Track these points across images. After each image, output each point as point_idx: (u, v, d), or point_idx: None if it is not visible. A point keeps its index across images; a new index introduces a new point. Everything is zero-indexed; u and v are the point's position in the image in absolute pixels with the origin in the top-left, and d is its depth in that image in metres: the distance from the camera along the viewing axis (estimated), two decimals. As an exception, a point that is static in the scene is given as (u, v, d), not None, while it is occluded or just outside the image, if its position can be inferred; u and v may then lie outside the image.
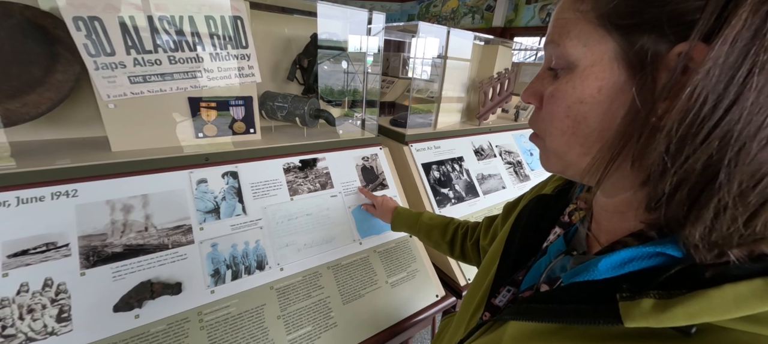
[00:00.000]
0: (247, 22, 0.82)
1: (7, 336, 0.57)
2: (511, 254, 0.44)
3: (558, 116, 0.30)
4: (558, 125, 0.30)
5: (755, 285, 0.21)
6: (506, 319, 0.36)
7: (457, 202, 1.23)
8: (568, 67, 0.29)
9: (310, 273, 0.85)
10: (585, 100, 0.27)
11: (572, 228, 0.39)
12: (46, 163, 0.69)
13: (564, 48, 0.28)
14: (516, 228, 0.46)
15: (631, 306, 0.24)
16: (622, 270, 0.28)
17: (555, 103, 0.30)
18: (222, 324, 0.71)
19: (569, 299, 0.30)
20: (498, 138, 1.55)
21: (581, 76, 0.28)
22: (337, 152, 1.04)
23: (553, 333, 0.30)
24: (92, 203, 0.69)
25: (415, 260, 1.01)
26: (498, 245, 0.49)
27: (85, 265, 0.65)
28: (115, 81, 0.71)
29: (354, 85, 1.29)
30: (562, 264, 0.36)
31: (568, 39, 0.28)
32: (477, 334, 0.41)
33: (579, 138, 0.29)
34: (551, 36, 0.30)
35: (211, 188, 0.81)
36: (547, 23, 0.33)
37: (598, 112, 0.27)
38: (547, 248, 0.40)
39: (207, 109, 0.85)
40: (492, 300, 0.43)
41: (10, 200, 0.63)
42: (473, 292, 0.49)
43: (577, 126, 0.29)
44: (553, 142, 0.31)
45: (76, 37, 0.65)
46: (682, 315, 0.22)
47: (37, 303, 0.60)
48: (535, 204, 0.46)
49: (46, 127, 0.83)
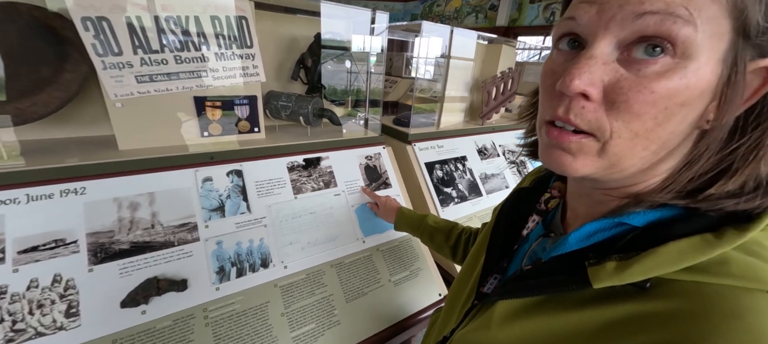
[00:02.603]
0: (252, 21, 0.83)
1: (17, 331, 0.58)
2: (496, 244, 0.46)
3: (648, 113, 0.24)
4: (648, 123, 0.25)
5: (694, 241, 0.25)
6: (494, 300, 0.38)
7: (460, 202, 1.23)
8: (685, 55, 0.23)
9: (314, 271, 0.86)
10: (689, 99, 0.24)
11: (549, 215, 0.43)
12: (54, 161, 0.70)
13: (687, 28, 0.22)
14: (499, 221, 0.48)
15: (598, 270, 0.28)
16: (589, 242, 0.32)
17: (648, 95, 0.24)
18: (227, 321, 0.72)
19: (547, 272, 0.33)
20: (501, 137, 1.55)
21: (697, 71, 0.23)
22: (340, 151, 1.04)
23: (537, 305, 0.33)
24: (100, 201, 0.70)
25: (417, 259, 1.02)
26: (483, 238, 0.52)
27: (93, 262, 0.66)
28: (122, 80, 0.72)
29: (357, 85, 1.29)
30: (542, 245, 0.40)
31: (700, 20, 0.22)
32: (468, 320, 0.43)
33: (653, 142, 0.26)
34: (669, 7, 0.22)
35: (216, 186, 0.82)
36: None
37: (688, 113, 0.25)
38: (528, 235, 0.43)
39: (212, 108, 0.86)
40: (481, 288, 0.45)
41: (20, 197, 0.65)
42: (462, 284, 0.51)
43: (660, 126, 0.25)
44: (620, 145, 0.26)
45: (85, 37, 0.66)
46: (638, 272, 0.26)
47: (47, 298, 0.62)
48: (515, 197, 0.49)
49: (54, 125, 0.84)
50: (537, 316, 0.33)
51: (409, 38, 2.67)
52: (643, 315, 0.26)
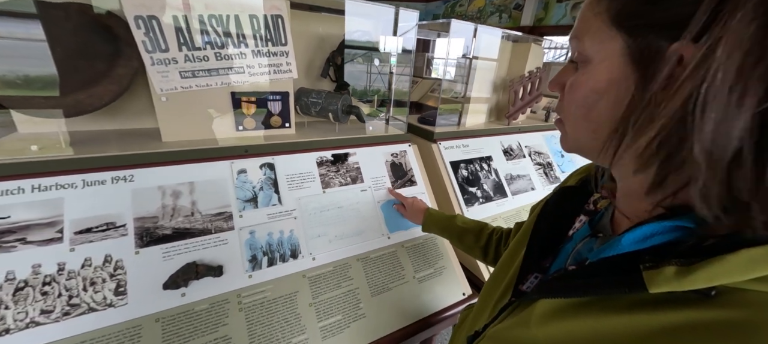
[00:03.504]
0: (287, 20, 0.85)
1: (73, 305, 0.63)
2: (536, 243, 0.46)
3: (574, 103, 0.34)
4: (574, 111, 0.35)
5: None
6: (535, 298, 0.38)
7: (484, 202, 1.22)
8: (586, 60, 0.33)
9: (341, 264, 0.88)
10: (597, 90, 0.32)
11: (597, 215, 0.42)
12: (106, 150, 0.75)
13: (582, 44, 0.33)
14: (542, 219, 0.48)
15: (655, 274, 0.27)
16: (645, 244, 0.30)
17: (573, 92, 0.34)
18: (258, 308, 0.75)
19: (596, 273, 0.32)
20: (528, 138, 1.52)
21: (595, 69, 0.32)
22: (367, 148, 1.06)
23: (582, 306, 0.32)
24: (146, 188, 0.74)
25: (442, 257, 1.02)
26: (523, 236, 0.51)
27: (139, 245, 0.70)
28: (167, 75, 0.77)
29: (383, 85, 1.30)
30: (589, 246, 0.39)
31: (587, 36, 0.32)
32: (503, 316, 0.43)
33: (591, 123, 0.33)
34: (574, 32, 0.34)
35: (250, 178, 0.85)
36: None
37: (607, 100, 0.31)
38: (573, 235, 0.43)
39: (247, 104, 0.90)
40: (519, 286, 0.44)
41: (77, 182, 0.70)
42: (497, 281, 0.51)
43: (589, 112, 0.33)
44: (570, 126, 0.36)
45: (136, 34, 0.71)
46: (702, 279, 0.25)
47: (98, 276, 0.66)
48: (559, 196, 0.49)
49: (104, 118, 0.90)
50: (580, 317, 0.32)
51: (432, 37, 2.66)
52: (705, 323, 0.25)
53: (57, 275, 0.64)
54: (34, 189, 0.67)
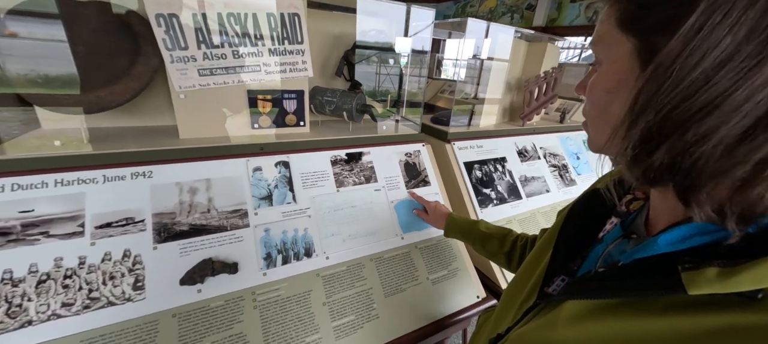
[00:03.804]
0: (304, 18, 0.85)
1: (93, 299, 0.64)
2: (564, 245, 0.45)
3: (591, 104, 0.36)
4: (592, 111, 0.37)
5: None
6: (562, 299, 0.37)
7: (499, 203, 1.20)
8: (600, 63, 0.35)
9: (354, 263, 0.87)
10: (609, 90, 0.33)
11: (630, 217, 0.41)
12: (125, 146, 0.77)
13: (597, 49, 0.35)
14: (569, 221, 0.47)
15: (695, 276, 0.27)
16: (682, 246, 0.30)
17: (590, 93, 0.36)
18: (273, 306, 0.75)
19: (630, 274, 0.32)
20: (542, 139, 1.49)
21: (606, 71, 0.34)
22: (381, 147, 1.05)
23: (614, 308, 0.32)
24: (164, 184, 0.75)
25: (455, 259, 1.00)
26: (548, 238, 0.50)
27: (157, 240, 0.71)
28: (186, 73, 0.78)
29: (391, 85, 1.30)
30: (620, 248, 0.39)
31: (600, 41, 0.35)
32: (528, 318, 0.42)
33: (607, 121, 0.34)
34: (593, 38, 0.37)
35: (265, 176, 0.86)
36: (594, 22, 0.38)
37: (619, 99, 0.32)
38: (604, 237, 0.42)
39: (263, 102, 0.90)
40: (545, 288, 0.44)
41: (98, 177, 0.71)
42: (521, 283, 0.50)
43: (604, 111, 0.34)
44: (591, 127, 0.38)
45: (157, 32, 0.72)
46: (748, 281, 0.24)
47: (118, 271, 0.67)
48: (588, 198, 0.48)
49: (123, 115, 0.92)
50: (611, 319, 0.32)
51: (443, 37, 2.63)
52: (751, 327, 0.24)
53: (78, 268, 0.65)
54: (57, 183, 0.68)
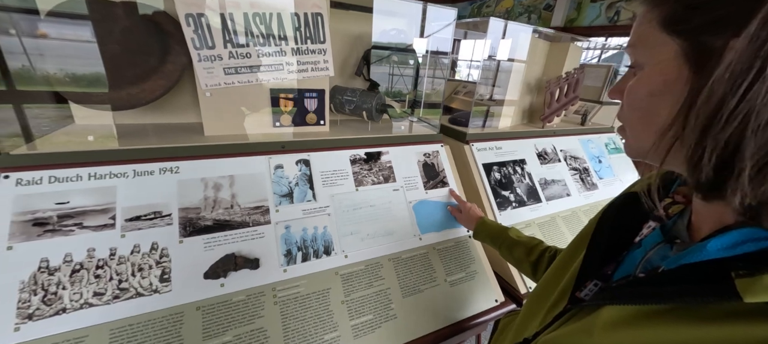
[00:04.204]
0: (327, 18, 0.86)
1: (122, 289, 0.66)
2: (598, 249, 0.44)
3: (632, 107, 0.35)
4: (632, 115, 0.35)
5: None
6: (599, 305, 0.36)
7: (518, 206, 1.17)
8: (640, 66, 0.34)
9: (372, 263, 0.87)
10: (653, 93, 0.32)
11: (669, 222, 0.40)
12: (154, 142, 0.79)
13: (637, 51, 0.34)
14: (603, 224, 0.46)
15: (751, 283, 0.26)
16: (734, 252, 0.29)
17: (629, 96, 0.35)
18: (292, 302, 0.75)
19: (677, 280, 0.31)
20: (563, 142, 1.45)
21: (649, 73, 0.33)
22: (399, 147, 1.05)
23: (656, 315, 0.31)
24: (190, 179, 0.77)
25: (474, 261, 0.99)
26: (580, 241, 0.49)
27: (183, 234, 0.73)
28: (213, 72, 0.79)
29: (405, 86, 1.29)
30: (661, 253, 0.38)
31: (640, 43, 0.34)
32: (559, 323, 0.41)
33: (650, 125, 0.33)
34: (630, 40, 0.35)
35: (287, 174, 0.87)
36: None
37: (665, 102, 0.31)
38: (641, 241, 0.41)
39: (285, 100, 0.91)
40: (576, 293, 0.43)
41: (128, 172, 0.73)
42: (548, 288, 0.49)
43: (647, 115, 0.33)
44: (630, 132, 0.37)
45: (186, 31, 0.73)
46: None
47: (146, 263, 0.69)
48: (623, 201, 0.47)
49: (151, 112, 0.94)
50: (653, 326, 0.31)
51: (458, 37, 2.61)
52: None
53: (109, 259, 0.67)
54: (91, 177, 0.71)
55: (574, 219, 1.26)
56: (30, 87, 0.81)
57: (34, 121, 0.81)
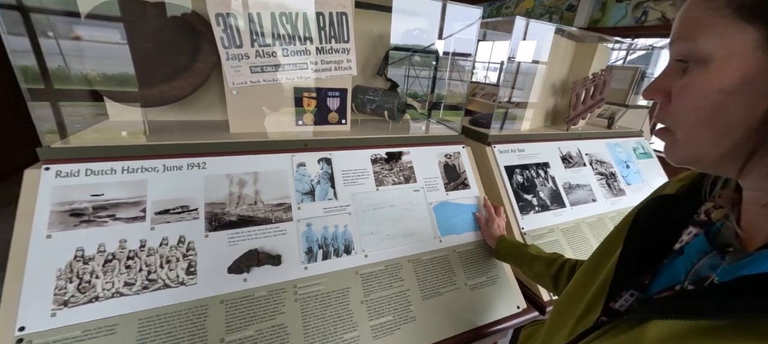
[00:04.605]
0: (351, 17, 0.86)
1: (151, 280, 0.68)
2: (631, 257, 0.42)
3: (692, 107, 0.31)
4: (692, 116, 0.31)
5: None
6: (645, 318, 0.34)
7: (541, 210, 1.14)
8: (702, 60, 0.30)
9: (392, 263, 0.86)
10: (724, 90, 0.28)
11: (713, 227, 0.38)
12: (182, 139, 0.81)
13: (697, 43, 0.30)
14: (635, 231, 0.43)
15: None
16: None
17: (688, 95, 0.31)
18: (313, 300, 0.76)
19: (735, 293, 0.28)
20: (588, 145, 1.40)
21: (718, 68, 0.29)
22: (420, 147, 1.04)
23: (714, 331, 0.28)
24: (216, 175, 0.79)
25: (495, 266, 0.96)
26: (606, 248, 0.48)
27: (209, 229, 0.74)
28: (240, 70, 0.81)
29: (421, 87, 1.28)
30: (712, 262, 0.35)
31: (702, 34, 0.30)
32: (594, 336, 0.39)
33: (715, 127, 0.30)
34: (680, 33, 0.32)
35: (309, 172, 0.87)
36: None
37: (740, 100, 0.28)
38: (684, 249, 0.38)
39: (308, 99, 0.92)
40: (611, 304, 0.41)
41: (158, 167, 0.76)
42: (575, 297, 0.48)
43: (714, 115, 0.30)
44: (685, 134, 0.33)
45: (216, 31, 0.75)
46: None
47: (173, 256, 0.71)
48: (656, 205, 0.44)
49: (179, 109, 0.97)
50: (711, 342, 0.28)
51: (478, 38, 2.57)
52: None
53: (139, 251, 0.69)
54: (124, 170, 0.73)
55: (600, 226, 1.21)
56: (68, 85, 0.85)
57: (69, 117, 0.85)
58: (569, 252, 1.09)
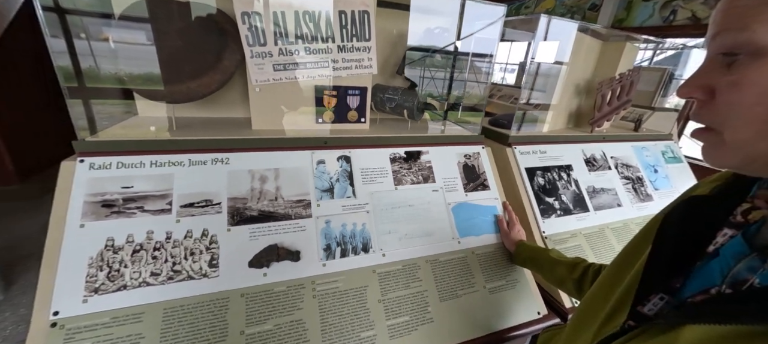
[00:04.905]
0: (373, 16, 0.86)
1: (176, 271, 0.70)
2: (661, 259, 0.40)
3: (745, 105, 0.29)
4: (745, 114, 0.30)
5: None
6: (679, 322, 0.33)
7: (562, 214, 1.11)
8: (757, 52, 0.28)
9: (410, 263, 0.85)
10: None
11: (751, 229, 0.36)
12: (206, 134, 0.83)
13: (751, 33, 0.28)
14: (665, 233, 0.42)
15: None
16: None
17: (740, 91, 0.29)
18: (331, 297, 0.76)
19: None
20: (614, 148, 1.35)
21: None
22: (439, 147, 1.03)
23: (753, 337, 0.27)
24: (239, 170, 0.80)
25: (515, 270, 0.94)
26: (633, 251, 0.46)
27: (231, 223, 0.76)
28: (263, 68, 0.82)
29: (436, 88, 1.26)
30: (751, 265, 0.33)
31: (757, 23, 0.28)
32: (620, 341, 0.38)
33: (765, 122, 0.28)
34: (726, 24, 0.30)
35: (328, 169, 0.88)
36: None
37: None
38: (718, 250, 0.37)
39: (329, 97, 0.93)
40: (639, 308, 0.39)
41: (184, 161, 0.78)
42: (598, 302, 0.46)
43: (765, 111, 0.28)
44: (736, 134, 0.31)
45: (242, 29, 0.77)
46: None
47: (197, 248, 0.73)
48: (687, 207, 0.42)
49: (204, 106, 1.00)
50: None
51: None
52: None
53: (165, 242, 0.71)
54: (152, 164, 0.75)
55: (626, 232, 1.16)
56: (100, 84, 0.89)
57: (100, 114, 0.89)
58: (592, 259, 1.05)
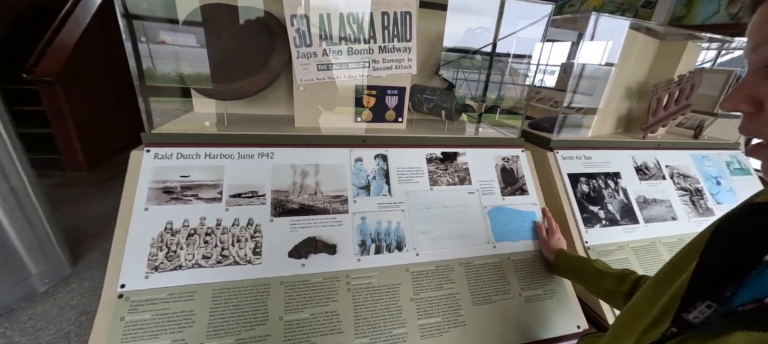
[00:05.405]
0: (415, 16, 0.87)
1: (224, 256, 0.75)
2: (712, 267, 0.39)
3: None
4: None
5: None
6: (726, 330, 0.32)
7: (608, 225, 1.04)
8: None
9: (443, 264, 0.85)
10: None
11: None
12: (254, 130, 0.88)
13: None
14: (717, 240, 0.41)
15: None
16: None
17: None
18: (364, 292, 0.77)
19: None
20: (669, 156, 1.25)
21: None
22: (477, 149, 1.01)
23: None
24: (282, 165, 0.85)
25: (553, 280, 0.90)
26: (683, 258, 0.45)
27: (274, 214, 0.80)
28: (308, 67, 0.86)
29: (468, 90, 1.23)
30: None
31: None
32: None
33: None
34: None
35: (365, 167, 0.90)
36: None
37: None
38: None
39: (368, 97, 0.95)
40: (683, 315, 0.38)
41: (234, 154, 0.83)
42: (641, 309, 0.46)
43: None
44: None
45: (290, 30, 0.81)
46: None
47: (243, 236, 0.78)
48: (746, 213, 0.41)
49: (251, 104, 1.06)
50: None
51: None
52: None
53: (215, 229, 0.77)
54: (206, 156, 0.82)
55: (680, 248, 1.07)
56: (163, 83, 0.97)
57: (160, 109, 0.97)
58: (641, 274, 0.98)
